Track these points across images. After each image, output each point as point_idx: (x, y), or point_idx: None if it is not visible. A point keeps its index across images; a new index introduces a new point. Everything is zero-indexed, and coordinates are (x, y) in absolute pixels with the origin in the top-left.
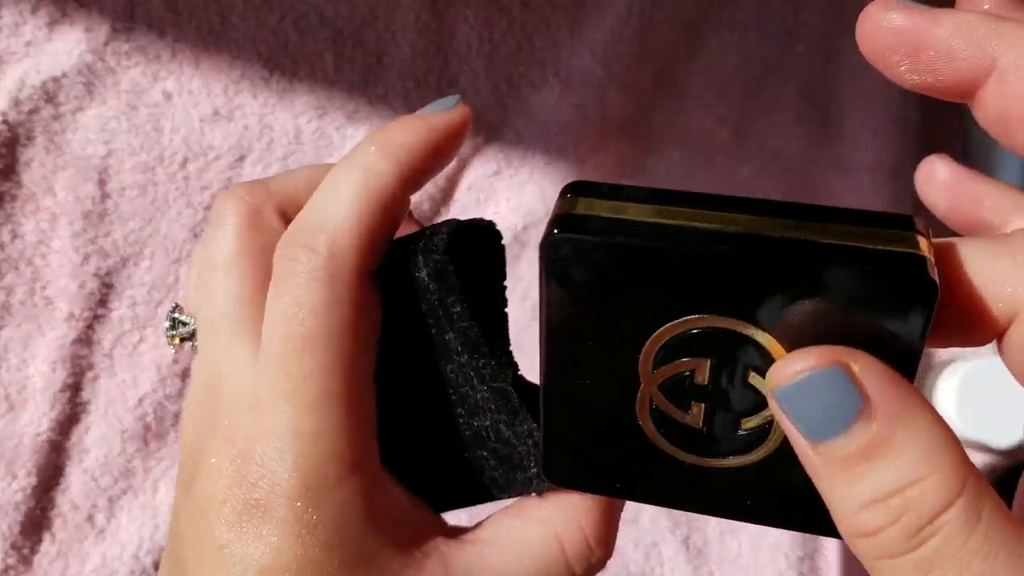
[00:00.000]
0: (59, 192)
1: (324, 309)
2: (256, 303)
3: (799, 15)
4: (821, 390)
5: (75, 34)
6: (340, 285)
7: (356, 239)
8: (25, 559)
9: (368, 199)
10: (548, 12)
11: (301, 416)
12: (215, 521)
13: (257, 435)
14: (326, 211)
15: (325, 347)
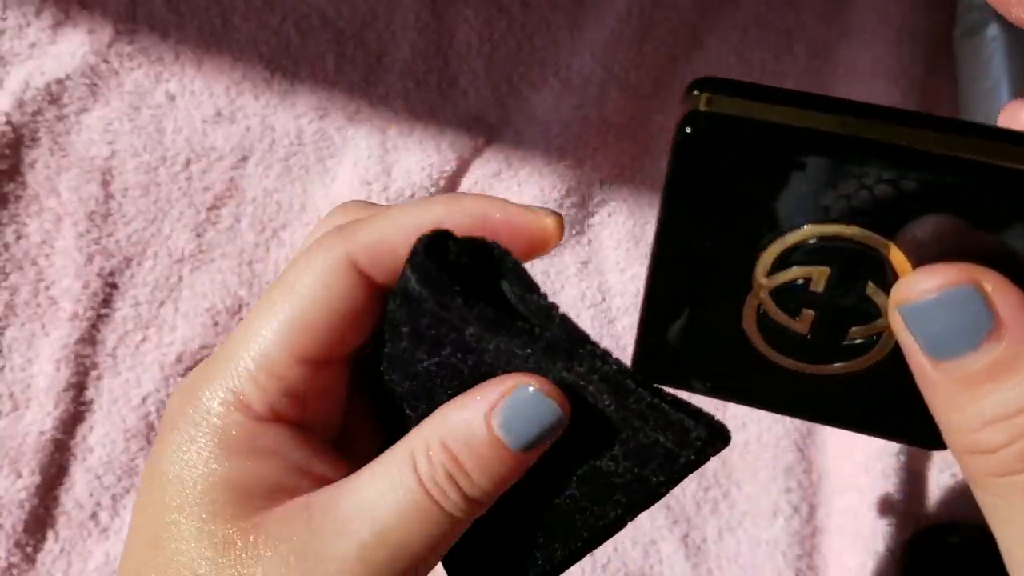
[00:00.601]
0: (63, 193)
1: (302, 272)
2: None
3: (798, 17)
4: (951, 308)
5: (79, 36)
6: (325, 260)
7: (373, 242)
8: (29, 557)
9: (404, 216)
10: (548, 12)
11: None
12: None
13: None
14: (378, 216)
15: (285, 295)
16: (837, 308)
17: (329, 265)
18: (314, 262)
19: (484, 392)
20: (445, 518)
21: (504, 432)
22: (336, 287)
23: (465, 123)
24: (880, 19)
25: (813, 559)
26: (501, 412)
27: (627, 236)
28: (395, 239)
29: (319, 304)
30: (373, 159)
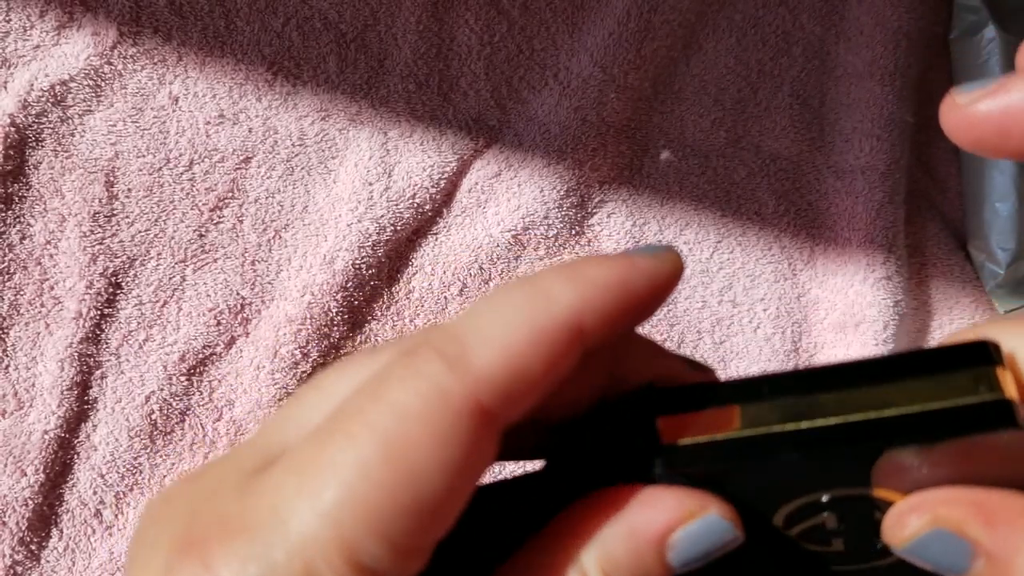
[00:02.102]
0: (67, 193)
1: (410, 426)
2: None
3: (795, 19)
4: (933, 546)
5: (82, 38)
6: (445, 413)
7: (498, 369)
8: (33, 555)
9: (528, 326)
10: (547, 15)
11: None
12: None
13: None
14: (475, 319)
15: (381, 461)
16: (858, 530)
17: (452, 414)
18: (421, 409)
19: (659, 513)
20: None
21: (676, 559)
22: (461, 445)
23: (465, 125)
24: (877, 21)
25: None
26: (678, 539)
27: (626, 237)
28: (527, 355)
29: (438, 472)
30: (374, 160)
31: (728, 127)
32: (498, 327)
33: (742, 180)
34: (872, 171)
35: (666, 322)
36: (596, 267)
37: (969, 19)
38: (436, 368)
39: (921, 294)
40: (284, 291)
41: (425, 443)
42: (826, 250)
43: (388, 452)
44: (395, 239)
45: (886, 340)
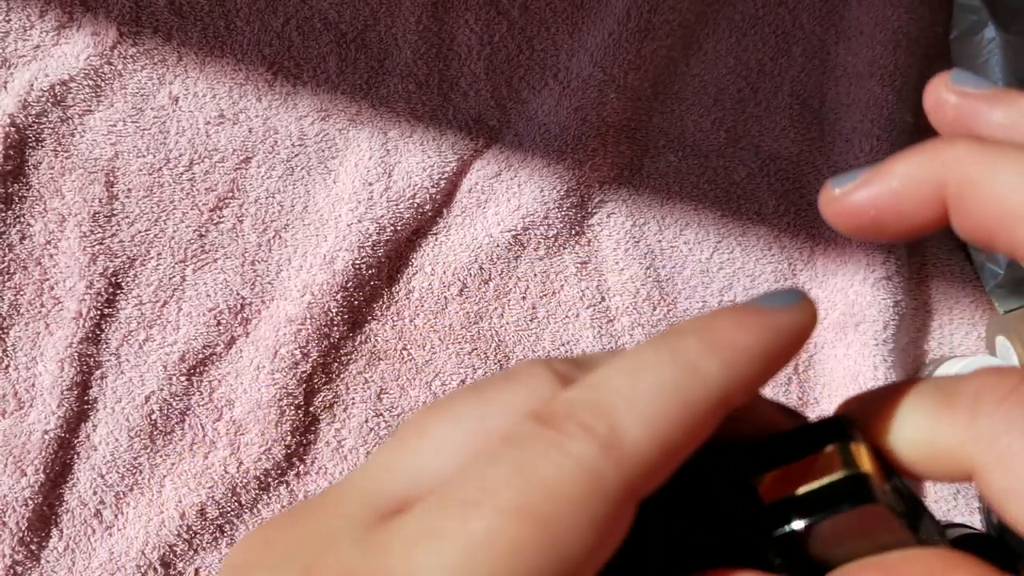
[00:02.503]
0: (67, 193)
1: (564, 508)
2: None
3: (795, 19)
4: None
5: (82, 38)
6: (600, 497)
7: (649, 450)
8: (33, 554)
9: (680, 405)
10: (547, 16)
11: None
12: None
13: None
14: (620, 394)
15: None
16: None
17: (608, 500)
18: (582, 489)
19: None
20: None
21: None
22: (612, 530)
23: (465, 125)
24: (877, 21)
25: None
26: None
27: (626, 236)
28: (677, 438)
29: (587, 555)
30: (375, 160)
31: (728, 127)
32: (649, 404)
33: (742, 180)
34: None
35: (666, 322)
36: (741, 333)
37: (969, 19)
38: (588, 450)
39: (921, 294)
40: (284, 291)
41: (578, 527)
42: (826, 250)
43: (541, 535)
44: (395, 239)
45: (886, 340)
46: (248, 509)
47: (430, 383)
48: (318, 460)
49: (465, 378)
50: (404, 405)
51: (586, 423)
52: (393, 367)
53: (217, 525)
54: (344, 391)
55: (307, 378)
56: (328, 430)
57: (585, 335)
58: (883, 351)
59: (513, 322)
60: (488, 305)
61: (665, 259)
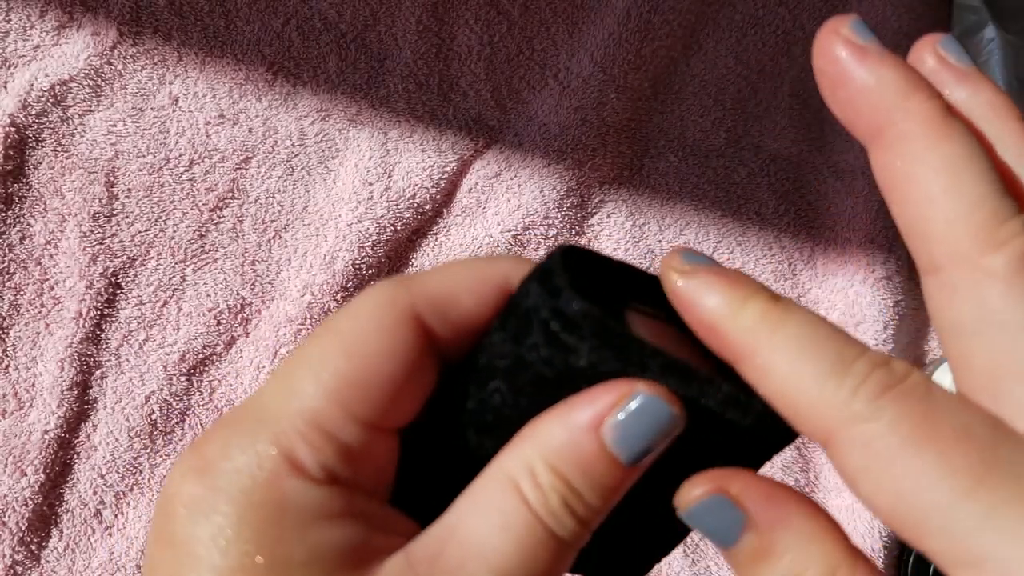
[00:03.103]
0: (67, 193)
1: (361, 321)
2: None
3: (795, 19)
4: (711, 512)
5: (82, 38)
6: (393, 313)
7: (436, 292)
8: (33, 555)
9: (473, 275)
10: (547, 15)
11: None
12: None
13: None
14: (439, 268)
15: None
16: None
17: (391, 315)
18: (372, 310)
19: (590, 402)
20: (561, 545)
21: (617, 446)
22: (399, 340)
23: (465, 125)
24: (877, 21)
25: None
26: (613, 424)
27: (626, 236)
28: (462, 289)
29: (379, 358)
30: (375, 160)
31: (728, 127)
32: (448, 268)
33: (742, 180)
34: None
35: None
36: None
37: (969, 19)
38: (389, 287)
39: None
40: (284, 291)
41: (372, 335)
42: (826, 250)
43: (343, 343)
44: (395, 239)
45: (886, 340)
46: None
47: None
48: None
49: None
50: None
51: (398, 278)
52: None
53: None
54: None
55: None
56: None
57: None
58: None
59: None
60: None
61: None
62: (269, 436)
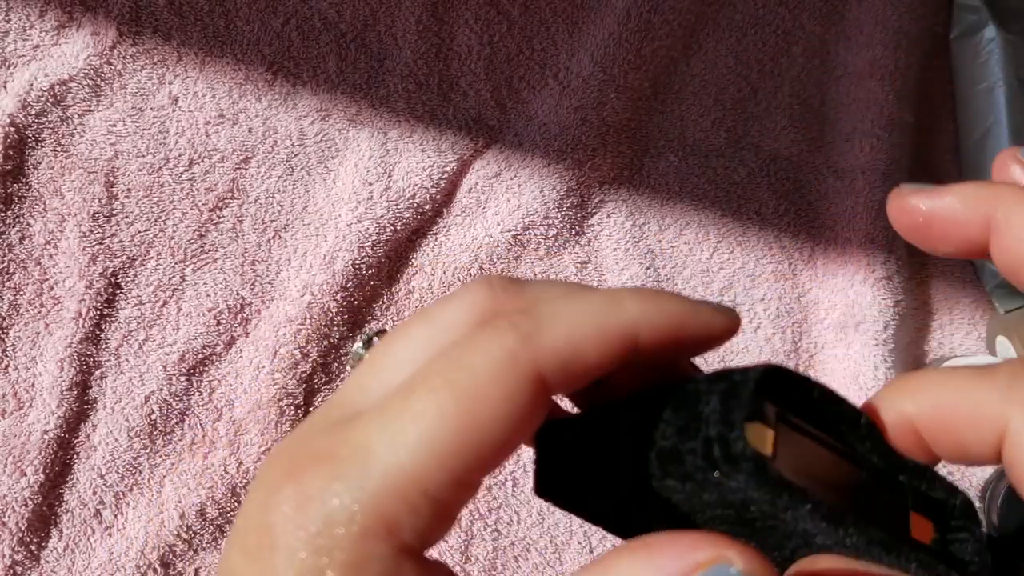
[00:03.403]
0: (67, 193)
1: (482, 382)
2: None
3: (795, 18)
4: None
5: (82, 38)
6: (512, 374)
7: (563, 347)
8: (33, 555)
9: (596, 321)
10: (547, 15)
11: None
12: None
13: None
14: (550, 303)
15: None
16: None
17: (514, 378)
18: (493, 369)
19: (680, 556)
20: None
21: None
22: (522, 407)
23: (465, 125)
24: (877, 21)
25: None
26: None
27: (626, 236)
28: (588, 344)
29: (499, 426)
30: (374, 160)
31: (728, 127)
32: (570, 315)
33: (742, 180)
34: (872, 171)
35: None
36: (666, 298)
37: (969, 19)
38: (510, 339)
39: (921, 294)
40: (284, 291)
41: (493, 399)
42: (826, 250)
43: (461, 403)
44: (395, 239)
45: (886, 340)
46: None
47: None
48: None
49: None
50: None
51: (515, 320)
52: None
53: (217, 525)
54: None
55: (307, 378)
56: None
57: None
58: (883, 351)
59: None
60: None
61: (665, 259)
62: (373, 488)
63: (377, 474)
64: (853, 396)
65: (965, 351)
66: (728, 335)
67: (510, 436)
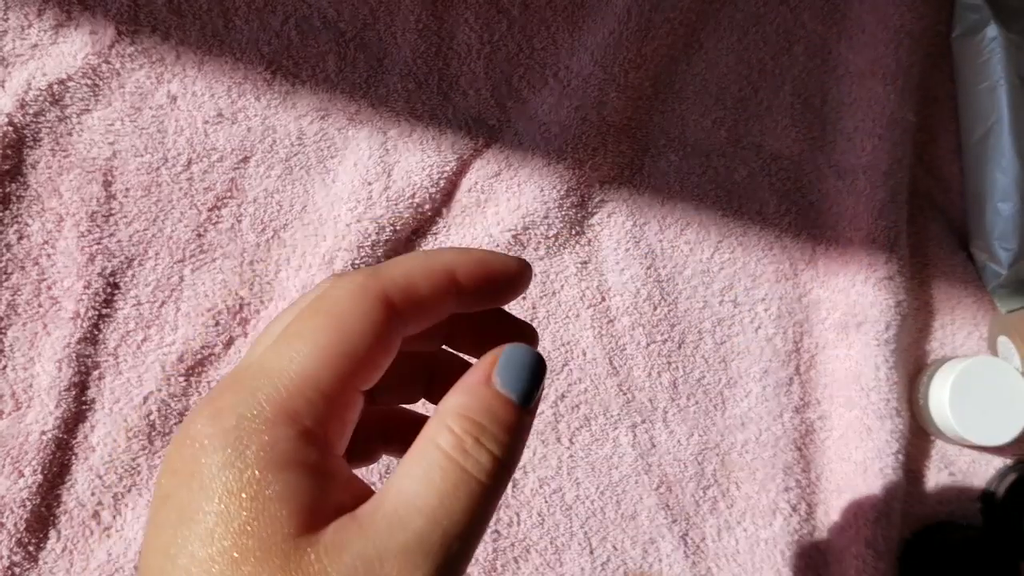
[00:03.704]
0: (65, 193)
1: (344, 303)
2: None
3: (796, 17)
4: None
5: (80, 37)
6: (364, 295)
7: (401, 281)
8: (31, 556)
9: (424, 264)
10: (547, 14)
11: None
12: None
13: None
14: (391, 262)
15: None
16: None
17: (367, 298)
18: (351, 294)
19: (477, 367)
20: (480, 487)
21: (505, 388)
22: (376, 317)
23: (465, 124)
24: (879, 20)
25: (812, 558)
26: (497, 374)
27: (626, 236)
28: (418, 276)
29: (363, 334)
30: (374, 160)
31: (729, 126)
32: (403, 260)
33: (743, 180)
34: (874, 170)
35: (667, 322)
36: (475, 249)
37: (971, 18)
38: (360, 276)
39: (923, 294)
40: (283, 291)
41: (354, 314)
42: (828, 250)
43: (331, 321)
44: (395, 239)
45: (888, 340)
46: None
47: None
48: None
49: None
50: None
51: (362, 269)
52: None
53: None
54: None
55: None
56: None
57: (585, 335)
58: (885, 351)
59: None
60: None
61: (666, 259)
62: (270, 390)
63: (277, 380)
64: (854, 396)
65: (967, 351)
66: (522, 278)
67: (372, 344)
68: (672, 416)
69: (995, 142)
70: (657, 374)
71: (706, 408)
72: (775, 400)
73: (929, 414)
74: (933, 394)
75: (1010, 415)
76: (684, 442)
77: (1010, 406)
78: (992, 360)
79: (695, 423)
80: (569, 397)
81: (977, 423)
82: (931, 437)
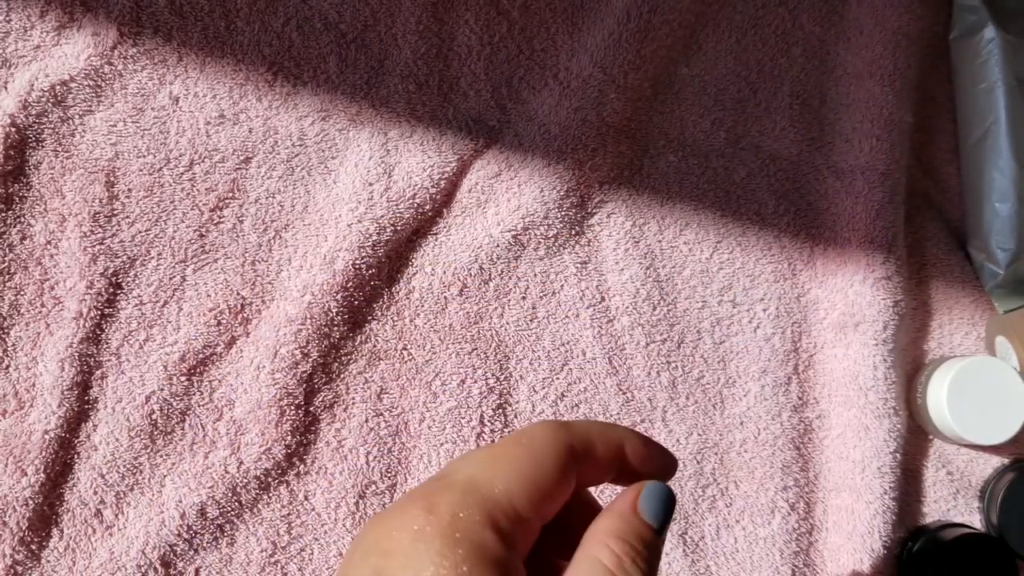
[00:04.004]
0: (67, 194)
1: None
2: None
3: (795, 19)
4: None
5: (83, 38)
6: (558, 444)
7: (585, 432)
8: (34, 554)
9: (602, 425)
10: (547, 15)
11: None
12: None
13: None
14: (579, 422)
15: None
16: None
17: (559, 445)
18: (547, 438)
19: (626, 493)
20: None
21: (648, 517)
22: (565, 462)
23: (465, 125)
24: (876, 21)
25: (810, 556)
26: (641, 504)
27: (626, 237)
28: (598, 442)
29: (554, 471)
30: (375, 160)
31: (728, 127)
32: (590, 423)
33: (742, 180)
34: (872, 171)
35: (666, 322)
36: (642, 434)
37: (969, 19)
38: (554, 424)
39: (921, 294)
40: (284, 291)
41: (547, 453)
42: (826, 250)
43: (530, 454)
44: (395, 239)
45: (886, 340)
46: (248, 509)
47: (430, 383)
48: (318, 460)
49: (465, 378)
50: (404, 405)
51: (557, 421)
52: (393, 367)
53: (217, 525)
54: (344, 391)
55: (307, 378)
56: (328, 430)
57: (585, 335)
58: (883, 351)
59: (513, 322)
60: (488, 305)
61: (665, 259)
62: (480, 499)
63: (487, 492)
64: (852, 396)
65: (964, 351)
66: (673, 468)
67: (559, 480)
68: (671, 415)
69: (993, 143)
70: (656, 373)
71: (705, 407)
72: (773, 399)
73: (927, 413)
74: (931, 393)
75: (1008, 414)
76: (683, 441)
77: (1008, 405)
78: (990, 360)
79: (694, 422)
80: (569, 397)
81: (975, 422)
82: (929, 436)
